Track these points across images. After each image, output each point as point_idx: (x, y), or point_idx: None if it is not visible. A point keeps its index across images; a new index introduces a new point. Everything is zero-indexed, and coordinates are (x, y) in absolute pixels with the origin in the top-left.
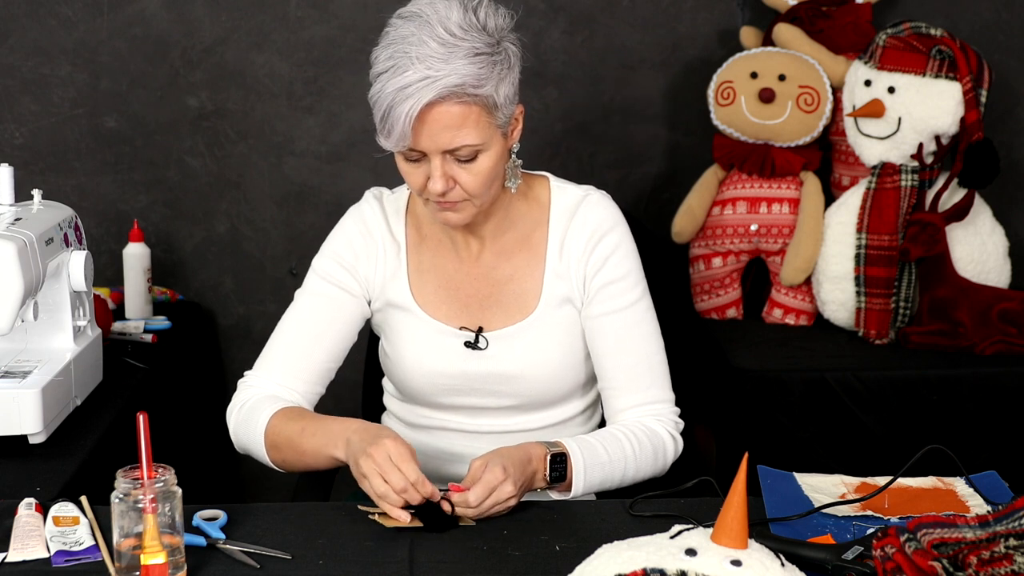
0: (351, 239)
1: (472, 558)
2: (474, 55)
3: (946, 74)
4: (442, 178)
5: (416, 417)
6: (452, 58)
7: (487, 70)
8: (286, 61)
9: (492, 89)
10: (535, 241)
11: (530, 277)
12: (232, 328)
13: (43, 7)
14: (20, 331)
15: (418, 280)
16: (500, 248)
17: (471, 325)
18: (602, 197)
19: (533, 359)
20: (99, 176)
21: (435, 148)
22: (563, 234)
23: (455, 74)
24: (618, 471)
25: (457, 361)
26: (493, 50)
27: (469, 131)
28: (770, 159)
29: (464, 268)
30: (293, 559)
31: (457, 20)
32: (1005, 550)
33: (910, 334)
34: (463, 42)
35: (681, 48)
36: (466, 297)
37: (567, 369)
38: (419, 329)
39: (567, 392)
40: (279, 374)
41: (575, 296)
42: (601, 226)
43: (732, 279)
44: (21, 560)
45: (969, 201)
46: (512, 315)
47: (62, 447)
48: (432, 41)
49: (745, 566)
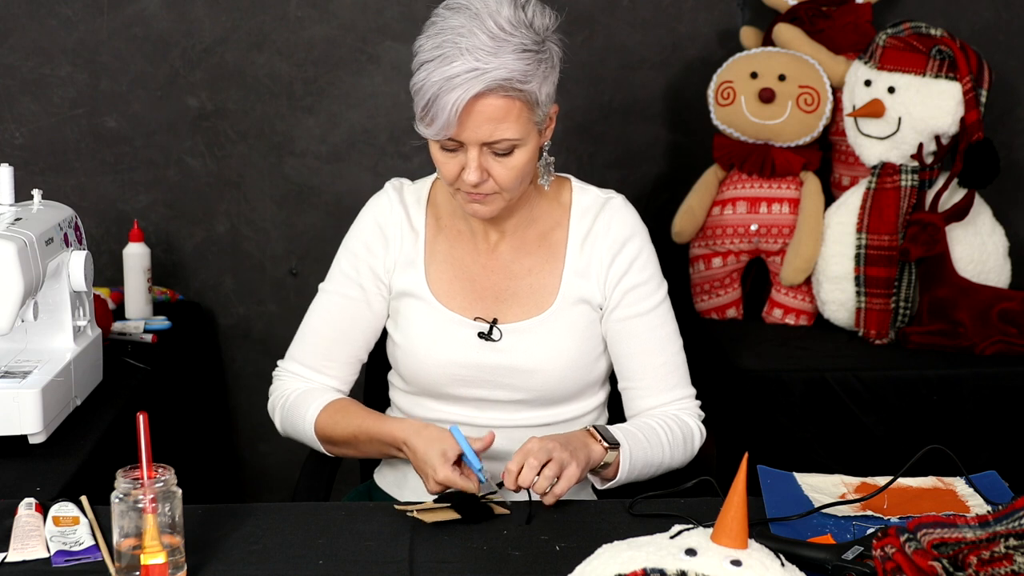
0: (367, 237)
1: (472, 558)
2: (522, 51)
3: (946, 74)
4: (478, 169)
5: (423, 411)
6: (501, 52)
7: (533, 67)
8: (286, 61)
9: (536, 86)
10: (555, 239)
11: (548, 274)
12: (232, 328)
13: (43, 7)
14: (20, 331)
15: (435, 269)
16: (519, 243)
17: (486, 316)
18: (624, 202)
19: (546, 354)
20: (99, 176)
21: (475, 140)
22: (584, 235)
23: (504, 67)
24: (656, 457)
25: (470, 352)
26: (539, 48)
27: (510, 125)
28: (770, 159)
29: (481, 260)
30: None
31: (507, 15)
32: (1005, 550)
33: (910, 334)
34: (512, 37)
35: (681, 48)
36: (482, 289)
37: (579, 367)
38: (433, 318)
39: (577, 390)
40: (313, 364)
41: (594, 297)
42: (624, 231)
43: (732, 279)
44: (21, 560)
45: (969, 201)
46: (528, 309)
47: (62, 447)
48: (482, 33)
49: (745, 566)
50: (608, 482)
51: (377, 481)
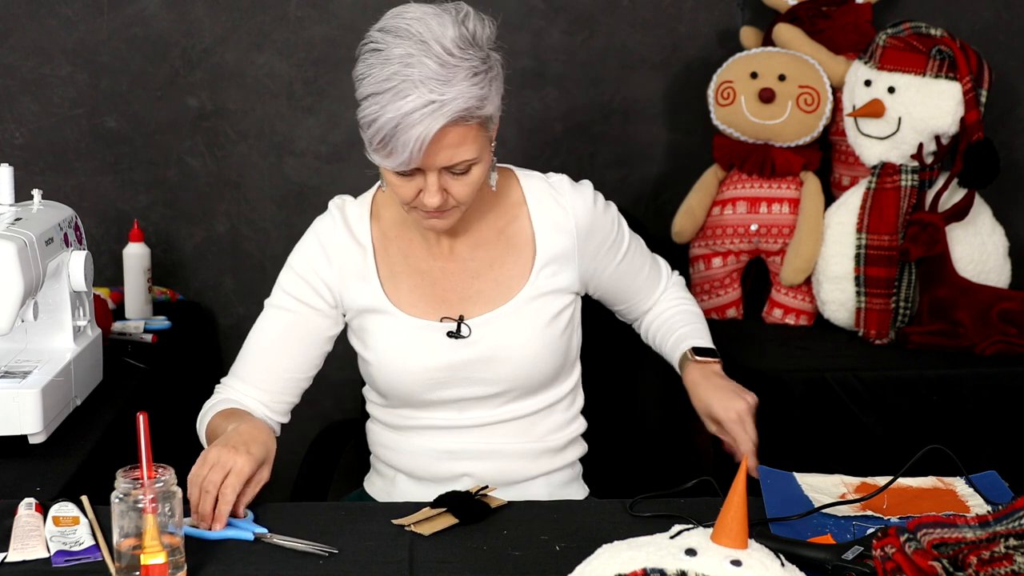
0: (309, 256)
1: (472, 558)
2: (473, 75)
3: (946, 74)
4: (439, 192)
5: (402, 420)
6: (454, 80)
7: (486, 89)
8: (286, 61)
9: (491, 105)
10: (515, 230)
11: (513, 264)
12: (232, 328)
13: (43, 7)
14: (20, 331)
15: (391, 281)
16: (474, 240)
17: (452, 316)
18: (561, 178)
19: (517, 340)
20: (99, 176)
21: (434, 167)
22: (551, 220)
23: (460, 97)
24: (706, 329)
25: (441, 353)
26: (488, 66)
27: (468, 148)
28: (770, 159)
29: (439, 264)
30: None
31: (452, 37)
32: (1005, 550)
33: (910, 334)
34: (463, 62)
35: (681, 48)
36: (443, 291)
37: (550, 350)
38: (399, 328)
39: (551, 374)
40: (245, 383)
41: (572, 284)
42: (584, 206)
43: (732, 279)
44: (21, 560)
45: (969, 201)
46: (494, 301)
47: (62, 447)
48: (431, 62)
49: (745, 566)
50: (708, 361)
51: (367, 489)
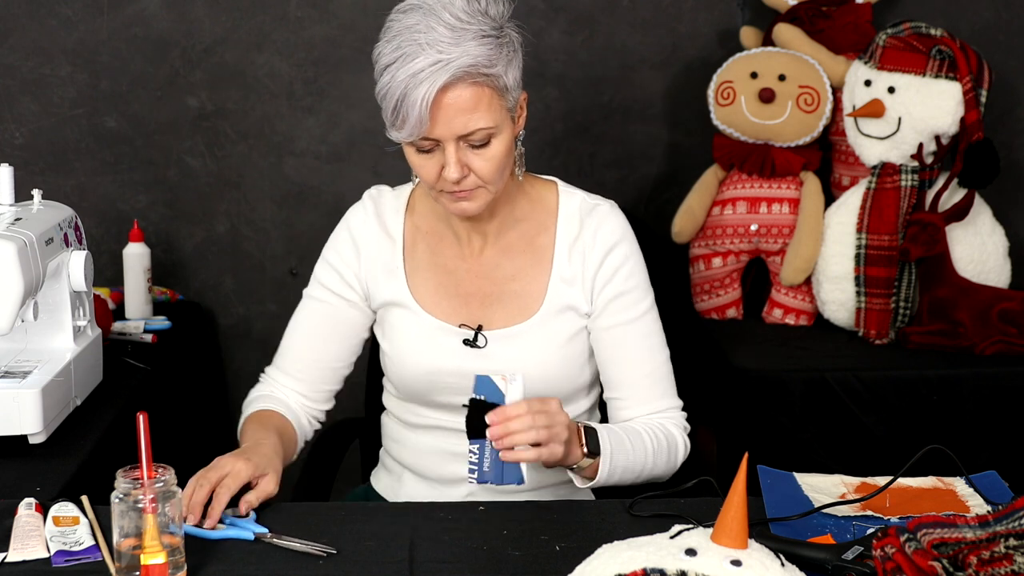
0: (340, 248)
1: (472, 558)
2: (482, 37)
3: (946, 74)
4: (457, 164)
5: (413, 416)
6: (462, 40)
7: (496, 51)
8: (286, 61)
9: (502, 69)
10: (541, 244)
11: (534, 279)
12: (232, 328)
13: (43, 7)
14: (20, 331)
15: (416, 277)
16: (504, 246)
17: (471, 323)
18: (612, 208)
19: (531, 361)
20: (99, 176)
21: (450, 134)
22: (572, 241)
23: (467, 55)
24: (638, 463)
25: (455, 359)
26: (499, 33)
27: (483, 114)
28: (770, 159)
29: (465, 265)
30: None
31: (461, 5)
32: (1005, 550)
33: (910, 334)
34: (471, 25)
35: (681, 48)
36: (466, 294)
37: (565, 375)
38: (418, 326)
39: (565, 396)
40: (285, 375)
41: (580, 304)
42: (611, 237)
43: (732, 279)
44: (21, 560)
45: (969, 201)
46: (513, 315)
47: (62, 447)
48: (440, 27)
49: (745, 566)
50: (588, 482)
51: (373, 484)
